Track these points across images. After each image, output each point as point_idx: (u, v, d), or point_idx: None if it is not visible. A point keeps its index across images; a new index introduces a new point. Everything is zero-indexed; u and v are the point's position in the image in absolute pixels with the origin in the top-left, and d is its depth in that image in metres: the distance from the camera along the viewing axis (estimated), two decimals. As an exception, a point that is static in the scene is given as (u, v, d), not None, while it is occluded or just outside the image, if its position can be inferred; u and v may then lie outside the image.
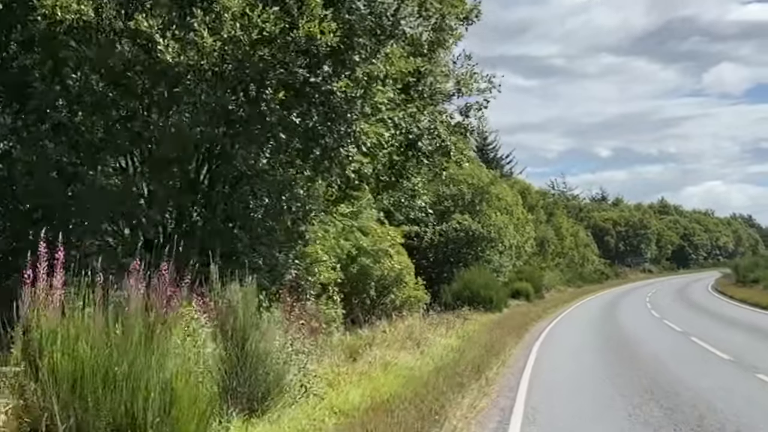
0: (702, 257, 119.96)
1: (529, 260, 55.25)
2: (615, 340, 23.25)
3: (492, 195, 45.00)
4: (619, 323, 30.40)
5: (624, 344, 22.03)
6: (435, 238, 42.43)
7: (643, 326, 28.54)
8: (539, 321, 31.84)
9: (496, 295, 35.41)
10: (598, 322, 31.05)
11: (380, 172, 18.09)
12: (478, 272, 36.14)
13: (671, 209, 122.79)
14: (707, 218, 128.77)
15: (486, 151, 70.22)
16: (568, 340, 23.72)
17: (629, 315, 35.14)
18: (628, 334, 25.52)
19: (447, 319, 29.20)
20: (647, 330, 26.71)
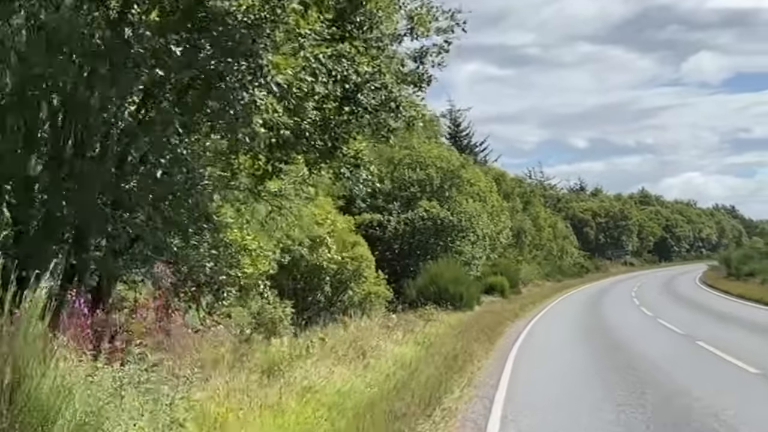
0: (685, 249, 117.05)
1: (504, 252, 51.62)
2: (608, 348, 19.51)
3: (463, 180, 41.24)
4: (609, 325, 26.75)
5: (620, 355, 18.30)
6: (400, 227, 38.66)
7: (637, 328, 24.93)
8: (515, 321, 28.13)
9: (467, 291, 31.65)
10: (583, 323, 27.38)
11: (311, 134, 14.09)
12: (446, 265, 32.35)
13: (652, 200, 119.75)
14: (689, 209, 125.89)
15: (458, 138, 66.50)
16: (551, 347, 19.97)
17: (618, 313, 31.51)
18: (623, 339, 21.83)
19: (408, 319, 25.40)
20: (644, 334, 23.05)
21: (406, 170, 40.58)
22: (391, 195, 39.98)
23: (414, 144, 41.59)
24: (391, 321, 23.77)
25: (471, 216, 39.76)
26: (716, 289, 46.15)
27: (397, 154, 40.98)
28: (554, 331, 24.37)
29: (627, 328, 24.50)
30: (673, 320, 25.71)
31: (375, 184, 15.62)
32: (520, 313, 31.34)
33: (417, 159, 41.14)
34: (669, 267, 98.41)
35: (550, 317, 30.77)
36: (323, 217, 23.67)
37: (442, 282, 31.20)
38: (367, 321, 25.58)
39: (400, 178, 40.54)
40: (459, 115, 66.72)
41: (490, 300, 38.94)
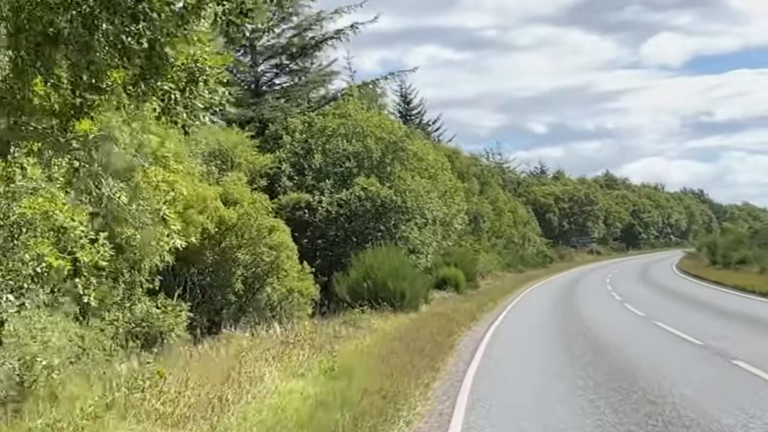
0: (653, 236, 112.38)
1: (459, 240, 45.86)
2: (602, 371, 13.62)
3: (408, 152, 35.30)
4: (593, 330, 21.03)
5: (624, 383, 12.42)
6: (333, 209, 32.72)
7: (633, 335, 19.19)
8: (472, 327, 22.30)
9: (410, 286, 25.72)
10: (559, 329, 21.63)
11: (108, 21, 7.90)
12: (384, 254, 26.40)
13: (619, 183, 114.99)
14: (657, 193, 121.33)
15: (409, 117, 60.55)
16: (523, 374, 13.95)
17: (599, 313, 25.83)
18: (619, 354, 16.04)
19: (327, 329, 19.40)
20: (648, 344, 17.24)
21: (340, 141, 34.60)
22: (323, 171, 34.09)
23: (350, 111, 35.67)
24: (301, 331, 17.76)
25: (418, 195, 33.93)
26: (704, 279, 40.80)
27: (330, 123, 35.04)
28: (524, 343, 18.46)
29: (618, 335, 18.77)
30: (675, 323, 20.09)
31: (225, 106, 9.07)
32: (478, 315, 25.52)
33: (353, 129, 35.18)
34: (638, 255, 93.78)
35: (515, 319, 24.96)
36: (167, 180, 17.28)
37: (379, 276, 25.27)
38: (271, 331, 19.84)
39: (333, 151, 34.57)
40: (410, 92, 60.82)
41: (441, 297, 33.11)
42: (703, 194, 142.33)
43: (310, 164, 34.29)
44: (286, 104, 37.61)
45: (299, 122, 35.41)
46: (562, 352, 15.86)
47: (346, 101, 36.85)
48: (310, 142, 34.95)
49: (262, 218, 25.61)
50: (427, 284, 29.81)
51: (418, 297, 26.30)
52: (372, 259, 25.89)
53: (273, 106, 36.97)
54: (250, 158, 32.21)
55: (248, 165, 32.14)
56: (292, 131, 35.07)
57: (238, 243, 24.74)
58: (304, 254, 33.71)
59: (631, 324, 21.91)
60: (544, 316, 25.55)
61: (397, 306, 24.74)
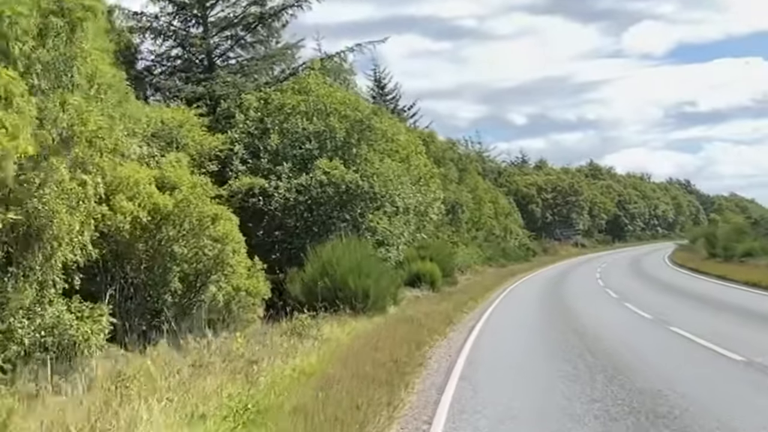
0: (639, 228, 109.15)
1: (436, 231, 42.28)
2: (619, 395, 10.08)
3: (376, 131, 31.67)
4: (586, 331, 17.53)
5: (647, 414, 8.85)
6: (291, 196, 29.15)
7: (649, 345, 15.68)
8: (448, 332, 18.72)
9: (376, 284, 22.06)
10: (550, 331, 18.12)
11: None
12: (345, 247, 22.72)
13: (603, 173, 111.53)
14: (643, 183, 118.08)
15: (383, 102, 56.72)
16: (512, 405, 10.32)
17: (598, 314, 22.35)
18: (633, 365, 12.55)
19: (266, 339, 15.78)
20: (672, 363, 13.68)
21: (300, 120, 30.97)
22: (280, 153, 30.48)
23: (311, 86, 32.02)
24: (228, 344, 14.14)
25: (387, 180, 30.33)
26: (706, 274, 37.33)
27: (288, 100, 31.40)
28: (512, 358, 14.83)
29: (631, 346, 15.23)
30: (694, 326, 16.59)
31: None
32: (455, 317, 21.94)
33: (315, 106, 31.55)
34: (626, 248, 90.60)
35: (500, 323, 21.36)
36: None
37: (338, 272, 21.60)
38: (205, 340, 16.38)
39: (291, 131, 30.95)
40: (384, 76, 57.03)
41: (414, 295, 29.54)
42: (690, 185, 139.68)
43: (266, 146, 30.66)
44: (242, 80, 33.94)
45: (254, 99, 31.72)
46: (563, 374, 12.28)
47: (307, 75, 33.19)
48: (266, 121, 31.33)
49: (204, 205, 21.95)
50: (396, 281, 26.22)
51: (385, 297, 22.68)
52: (329, 254, 22.24)
53: (226, 82, 33.21)
54: (198, 138, 28.70)
55: (196, 146, 28.64)
56: (246, 109, 31.37)
57: (176, 234, 21.13)
58: (259, 247, 30.06)
59: (641, 330, 18.39)
60: (533, 320, 22.02)
61: (359, 308, 21.12)
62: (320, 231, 28.75)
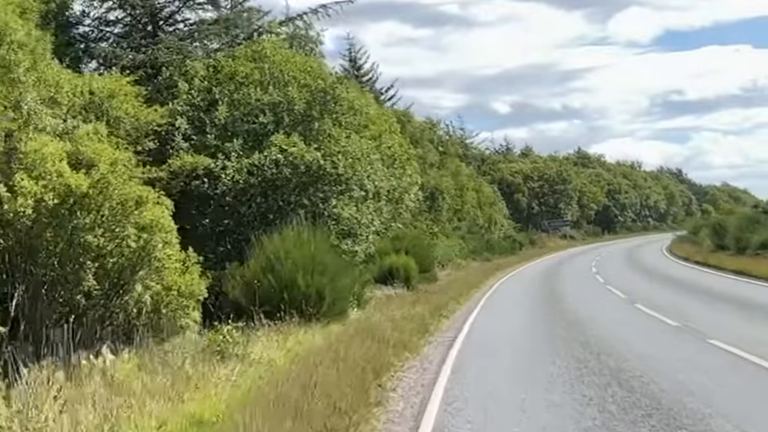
0: (630, 219, 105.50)
1: (413, 221, 38.38)
2: None
3: (342, 103, 27.68)
4: (594, 339, 13.72)
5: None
6: (241, 177, 25.35)
7: (687, 362, 11.80)
8: (421, 348, 14.72)
9: (334, 283, 17.96)
10: (554, 342, 14.26)
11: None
12: (298, 238, 18.61)
13: (593, 161, 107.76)
14: (634, 172, 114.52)
15: (359, 82, 52.50)
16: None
17: (596, 310, 18.56)
18: (669, 396, 8.76)
19: (176, 358, 11.80)
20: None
21: (253, 90, 27.03)
22: (230, 128, 26.58)
23: (267, 51, 28.03)
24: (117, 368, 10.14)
25: (355, 159, 26.35)
26: (719, 269, 33.19)
27: (241, 67, 27.41)
28: (508, 389, 10.90)
29: (676, 377, 11.31)
30: (737, 340, 12.73)
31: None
32: (432, 325, 17.98)
33: (271, 74, 27.59)
34: (617, 240, 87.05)
35: (488, 333, 17.41)
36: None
37: (286, 269, 17.57)
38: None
39: (243, 102, 27.02)
40: (360, 57, 52.68)
41: (385, 295, 25.60)
42: (682, 174, 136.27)
43: (213, 119, 26.64)
44: (190, 46, 29.94)
45: (201, 67, 27.69)
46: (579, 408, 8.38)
47: (263, 40, 29.23)
48: (215, 91, 27.28)
49: (127, 186, 17.98)
50: (362, 279, 22.19)
51: (346, 298, 18.62)
52: (278, 245, 18.19)
53: (170, 48, 29.08)
54: (132, 111, 24.80)
55: (131, 120, 24.76)
56: (191, 78, 27.32)
57: (92, 222, 17.26)
58: (205, 239, 26.29)
59: (662, 336, 14.55)
60: (527, 327, 18.14)
61: (311, 313, 17.10)
62: (276, 219, 24.73)
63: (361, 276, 22.76)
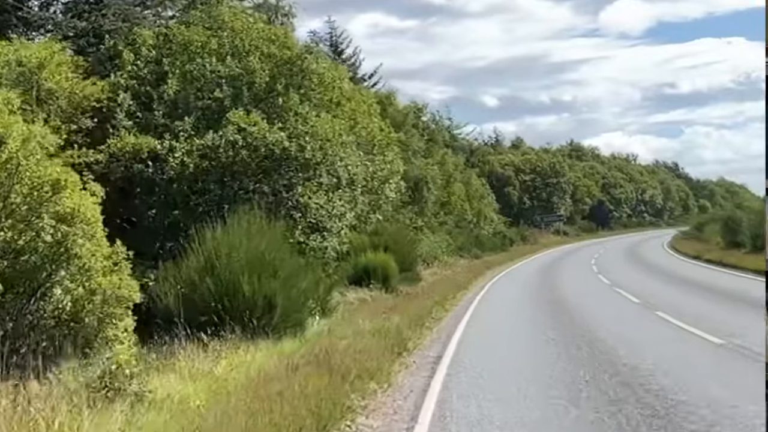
0: (626, 215, 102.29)
1: (395, 213, 35.06)
2: None
3: (311, 76, 24.36)
4: (644, 371, 10.52)
5: None
6: (191, 161, 22.17)
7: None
8: (393, 377, 11.35)
9: (287, 289, 14.53)
10: (571, 369, 11.06)
11: None
12: (246, 231, 15.18)
13: (586, 153, 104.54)
14: (629, 165, 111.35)
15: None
16: None
17: (606, 316, 15.39)
18: None
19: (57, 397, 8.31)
20: None
21: (208, 61, 23.73)
22: (181, 104, 23.40)
23: (224, 16, 24.70)
24: None
25: (325, 140, 23.03)
26: (739, 269, 30.07)
27: (196, 35, 24.05)
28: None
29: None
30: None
31: None
32: (411, 341, 14.59)
33: (230, 43, 24.31)
34: (614, 236, 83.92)
35: (483, 354, 14.10)
36: None
37: (228, 270, 14.20)
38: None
39: (198, 75, 23.75)
40: (342, 41, 49.01)
41: (359, 298, 22.30)
42: (678, 168, 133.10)
43: (162, 95, 23.36)
44: (140, 12, 26.68)
45: (150, 35, 24.34)
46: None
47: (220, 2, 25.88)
48: (165, 62, 23.95)
49: (41, 168, 14.63)
50: (328, 281, 18.80)
51: (304, 307, 15.23)
52: (222, 240, 14.81)
53: (118, 14, 25.73)
54: (67, 84, 21.73)
55: (66, 95, 21.74)
56: (138, 47, 23.98)
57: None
58: (151, 233, 23.17)
59: (701, 357, 11.32)
60: (529, 341, 14.88)
61: (257, 327, 13.75)
62: (232, 209, 21.41)
63: (328, 277, 19.39)
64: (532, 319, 18.73)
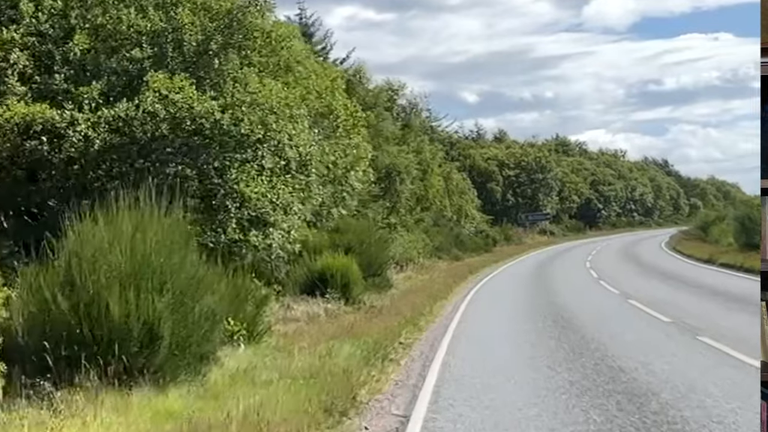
0: (614, 213, 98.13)
1: (363, 208, 30.68)
2: None
3: (254, 34, 19.93)
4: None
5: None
6: (98, 135, 17.91)
7: None
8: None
9: (178, 310, 9.95)
10: None
11: None
12: (120, 223, 10.63)
13: (573, 148, 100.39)
14: (618, 161, 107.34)
15: (310, 52, 44.23)
16: None
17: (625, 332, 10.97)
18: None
19: None
20: None
21: (126, 14, 19.33)
22: (89, 67, 19.00)
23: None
24: None
25: (269, 112, 18.68)
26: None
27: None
28: None
29: None
30: None
31: None
32: (364, 390, 10.09)
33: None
34: (605, 236, 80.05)
35: (470, 407, 9.64)
36: None
37: (91, 283, 9.69)
38: None
39: (112, 31, 19.41)
40: (312, 23, 44.31)
41: (309, 314, 17.79)
42: (668, 165, 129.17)
43: (67, 54, 18.90)
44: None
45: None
46: None
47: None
48: (73, 15, 19.47)
49: None
50: (259, 295, 14.23)
51: (212, 337, 10.63)
52: (88, 237, 10.27)
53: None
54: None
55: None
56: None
57: None
58: (46, 229, 18.57)
59: None
60: (545, 388, 10.51)
61: (133, 369, 9.28)
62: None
63: (270, 286, 14.93)
64: (534, 343, 14.36)
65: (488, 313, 20.88)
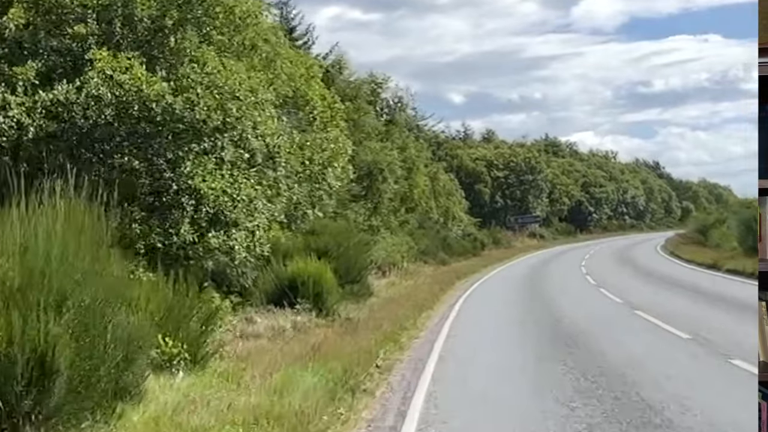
0: (606, 216, 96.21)
1: (342, 208, 28.49)
2: None
3: (212, 8, 17.76)
4: None
5: None
6: (33, 122, 15.75)
7: None
8: None
9: (82, 335, 7.75)
10: None
11: None
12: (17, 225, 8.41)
13: (564, 149, 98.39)
14: (609, 162, 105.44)
15: (292, 47, 41.95)
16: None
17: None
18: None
19: None
20: None
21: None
22: (26, 44, 16.95)
23: None
24: None
25: (230, 97, 16.50)
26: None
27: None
28: None
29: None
30: None
31: None
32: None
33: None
34: (597, 239, 78.34)
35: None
36: None
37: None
38: None
39: (52, 4, 17.34)
40: (293, 17, 42.03)
41: (274, 327, 15.59)
42: (660, 167, 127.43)
43: (3, 31, 16.85)
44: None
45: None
46: None
47: None
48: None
49: None
50: (207, 309, 11.98)
51: (132, 367, 8.37)
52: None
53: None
54: None
55: None
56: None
57: None
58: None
59: None
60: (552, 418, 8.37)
61: (19, 416, 7.08)
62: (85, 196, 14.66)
63: (206, 302, 12.69)
64: (538, 356, 12.23)
65: (479, 325, 18.73)
